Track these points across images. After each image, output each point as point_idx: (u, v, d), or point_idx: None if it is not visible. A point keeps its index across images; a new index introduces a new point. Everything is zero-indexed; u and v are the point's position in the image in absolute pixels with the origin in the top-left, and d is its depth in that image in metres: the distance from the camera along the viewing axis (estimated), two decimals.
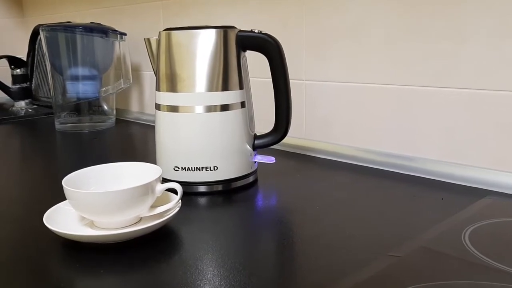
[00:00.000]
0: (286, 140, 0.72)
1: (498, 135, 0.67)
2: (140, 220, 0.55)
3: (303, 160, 0.85)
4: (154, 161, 0.68)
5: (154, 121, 0.72)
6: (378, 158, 0.78)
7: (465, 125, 0.70)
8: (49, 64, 1.20)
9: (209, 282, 0.43)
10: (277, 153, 0.83)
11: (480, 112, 0.68)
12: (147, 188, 0.52)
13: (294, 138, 0.88)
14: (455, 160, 0.71)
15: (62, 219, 0.54)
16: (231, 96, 0.67)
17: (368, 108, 0.81)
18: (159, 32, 0.68)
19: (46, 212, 0.54)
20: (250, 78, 0.72)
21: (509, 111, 0.65)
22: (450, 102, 0.71)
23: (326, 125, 0.87)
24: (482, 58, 0.66)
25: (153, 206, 0.55)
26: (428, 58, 0.72)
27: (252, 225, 0.58)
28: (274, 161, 0.73)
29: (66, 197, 0.52)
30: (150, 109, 1.28)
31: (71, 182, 0.53)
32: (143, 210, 0.53)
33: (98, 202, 0.50)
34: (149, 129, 1.16)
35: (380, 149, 0.79)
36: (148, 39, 0.70)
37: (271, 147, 0.73)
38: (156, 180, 0.53)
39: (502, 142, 0.66)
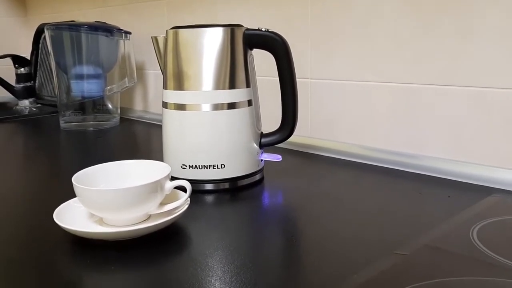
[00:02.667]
0: (291, 138, 0.72)
1: (504, 133, 0.67)
2: (149, 217, 0.55)
3: (308, 158, 0.85)
4: (159, 160, 0.68)
5: (158, 120, 0.73)
6: (384, 156, 0.78)
7: (471, 123, 0.70)
8: (53, 63, 1.20)
9: (219, 278, 0.43)
10: (282, 151, 0.83)
11: (487, 110, 0.68)
12: (157, 186, 0.52)
13: (299, 136, 0.88)
14: (461, 158, 0.71)
15: (72, 216, 0.54)
16: (238, 94, 0.67)
17: (374, 106, 0.81)
18: (166, 31, 0.69)
19: (56, 209, 0.54)
20: (256, 77, 0.72)
21: None
22: (456, 100, 0.71)
23: (332, 123, 0.87)
24: (489, 56, 0.67)
25: (162, 204, 0.55)
26: (434, 56, 0.72)
27: (259, 223, 0.58)
28: (281, 159, 0.73)
29: (76, 194, 0.53)
30: (154, 107, 1.28)
31: (80, 179, 0.53)
32: (152, 207, 0.54)
33: (108, 199, 0.51)
34: (154, 127, 1.17)
35: (386, 147, 0.80)
36: (156, 38, 0.70)
37: (276, 145, 0.73)
38: (165, 177, 0.53)
39: (507, 140, 0.67)
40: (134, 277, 0.45)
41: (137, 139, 1.13)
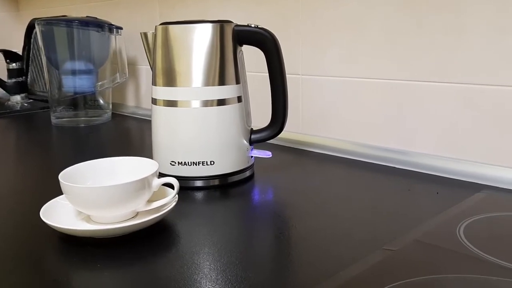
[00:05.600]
0: (282, 134, 0.73)
1: (493, 130, 0.67)
2: (136, 214, 0.55)
3: (299, 154, 0.85)
4: (150, 156, 0.68)
5: (150, 116, 0.72)
6: (374, 152, 0.78)
7: (461, 120, 0.70)
8: (44, 58, 1.19)
9: (205, 276, 0.43)
10: (273, 148, 0.83)
11: (477, 107, 0.68)
12: (144, 183, 0.52)
13: (290, 132, 0.88)
14: (450, 154, 0.71)
15: (59, 214, 0.54)
16: (228, 91, 0.67)
17: (364, 102, 0.81)
18: (156, 27, 0.68)
19: (43, 207, 0.54)
20: (246, 73, 0.72)
21: (504, 105, 0.66)
22: (445, 97, 0.71)
23: (322, 119, 0.87)
24: (479, 53, 0.67)
25: (150, 201, 0.55)
26: (425, 53, 0.72)
27: (249, 219, 0.58)
28: (271, 155, 0.73)
29: (63, 192, 0.52)
30: (146, 103, 1.28)
31: (67, 176, 0.53)
32: (140, 204, 0.54)
33: (95, 197, 0.51)
34: (145, 123, 1.16)
35: (376, 144, 0.80)
36: (145, 33, 0.70)
37: (267, 141, 0.73)
38: (152, 174, 0.53)
39: (496, 137, 0.67)
40: (121, 275, 0.45)
41: (128, 135, 1.13)
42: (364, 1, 0.78)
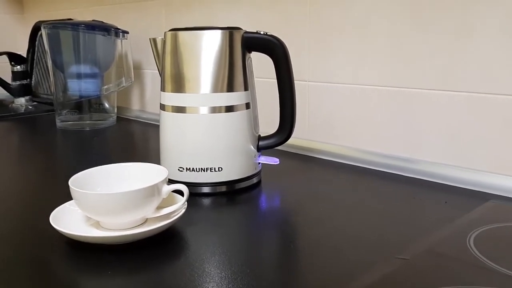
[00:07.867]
0: (289, 140, 0.72)
1: (501, 139, 0.67)
2: (146, 221, 0.55)
3: (306, 161, 0.85)
4: (156, 161, 0.68)
5: (155, 120, 0.73)
6: (381, 160, 0.78)
7: (468, 128, 0.70)
8: (50, 61, 1.19)
9: (217, 285, 0.43)
10: (280, 154, 0.83)
11: (484, 115, 0.68)
12: (154, 190, 0.52)
13: (297, 139, 0.88)
14: (458, 163, 0.71)
15: (68, 219, 0.54)
16: (236, 97, 0.67)
17: (371, 109, 0.81)
18: (165, 33, 0.68)
19: (52, 212, 0.54)
20: (254, 78, 0.72)
21: None
22: (453, 105, 0.71)
23: (329, 126, 0.87)
24: (488, 61, 0.67)
25: (159, 207, 0.55)
26: (432, 60, 0.72)
27: (257, 226, 0.58)
28: (278, 162, 0.73)
29: (73, 198, 0.52)
30: (151, 107, 1.28)
31: (77, 182, 0.53)
32: (149, 211, 0.53)
33: (105, 203, 0.50)
34: (150, 127, 1.16)
35: (383, 151, 0.80)
36: (154, 39, 0.70)
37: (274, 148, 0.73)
38: (162, 181, 0.53)
39: (505, 146, 0.67)
40: (130, 282, 0.45)
41: (133, 139, 1.13)
42: (371, 7, 0.78)
